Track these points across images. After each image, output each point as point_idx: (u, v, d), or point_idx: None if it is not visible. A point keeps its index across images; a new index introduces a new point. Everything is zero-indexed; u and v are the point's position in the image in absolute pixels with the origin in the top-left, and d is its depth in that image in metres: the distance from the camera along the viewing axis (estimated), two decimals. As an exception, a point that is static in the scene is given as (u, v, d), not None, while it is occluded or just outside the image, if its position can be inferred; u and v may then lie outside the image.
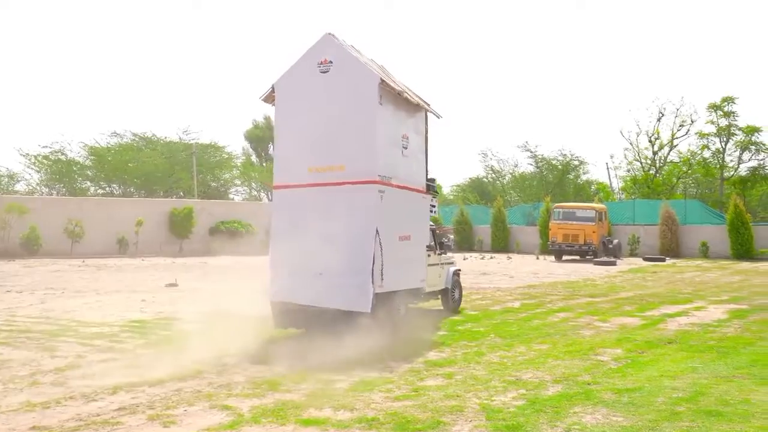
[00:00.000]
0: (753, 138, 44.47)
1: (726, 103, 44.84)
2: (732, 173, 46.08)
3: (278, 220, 10.04)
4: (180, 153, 51.38)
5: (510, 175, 57.29)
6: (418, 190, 10.98)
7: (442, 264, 12.92)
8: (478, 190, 58.47)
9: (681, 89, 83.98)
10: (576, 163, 53.72)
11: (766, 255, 31.41)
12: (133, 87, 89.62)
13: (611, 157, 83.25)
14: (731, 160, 46.40)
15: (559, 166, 53.30)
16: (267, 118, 62.35)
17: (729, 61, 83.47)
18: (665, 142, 50.38)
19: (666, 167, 51.44)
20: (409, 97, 10.42)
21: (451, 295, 13.22)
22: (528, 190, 53.91)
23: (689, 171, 50.03)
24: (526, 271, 24.26)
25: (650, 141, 50.82)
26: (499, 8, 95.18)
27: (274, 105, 10.08)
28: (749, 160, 45.57)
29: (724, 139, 45.82)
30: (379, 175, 9.44)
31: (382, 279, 9.39)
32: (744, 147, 45.16)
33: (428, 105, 11.52)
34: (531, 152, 53.72)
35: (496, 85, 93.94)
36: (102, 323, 11.29)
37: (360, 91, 9.53)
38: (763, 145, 44.55)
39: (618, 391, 6.66)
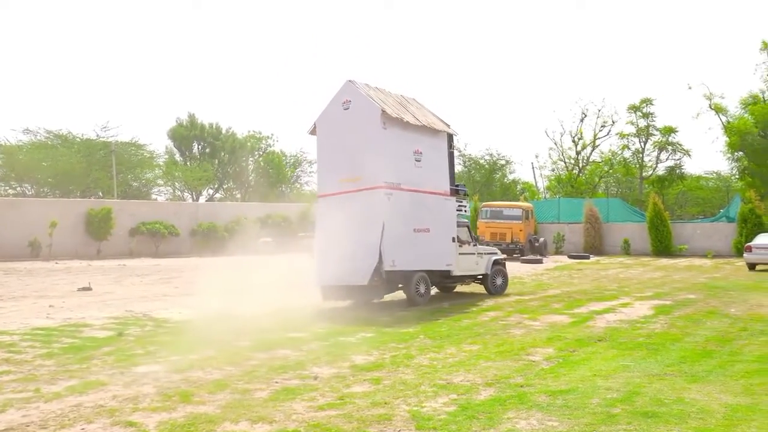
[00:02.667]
0: (670, 138, 46.06)
1: (644, 104, 46.28)
2: (650, 172, 47.58)
3: (320, 222, 13.21)
4: (98, 151, 48.86)
5: (439, 175, 57.43)
6: (437, 193, 13.75)
7: (479, 253, 15.11)
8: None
9: (603, 90, 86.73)
10: (503, 162, 54.49)
11: (684, 251, 32.46)
12: (48, 82, 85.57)
13: (536, 156, 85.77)
14: (650, 160, 47.98)
15: (486, 166, 53.90)
16: (191, 116, 60.25)
17: (647, 62, 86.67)
18: (588, 142, 51.76)
19: (589, 167, 52.78)
20: (410, 121, 13.02)
21: (492, 281, 15.34)
22: (456, 190, 54.16)
23: (610, 170, 51.51)
24: (455, 269, 24.04)
25: (574, 141, 52.11)
26: (426, 9, 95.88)
27: (316, 136, 13.45)
28: (666, 159, 47.23)
29: (643, 139, 47.31)
30: (385, 182, 12.40)
31: (393, 260, 12.27)
32: (661, 147, 46.72)
33: (448, 126, 14.58)
34: (459, 151, 54.16)
35: (425, 85, 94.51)
36: (1, 332, 10.34)
37: (369, 120, 12.54)
38: (680, 145, 46.23)
39: (552, 393, 6.39)
